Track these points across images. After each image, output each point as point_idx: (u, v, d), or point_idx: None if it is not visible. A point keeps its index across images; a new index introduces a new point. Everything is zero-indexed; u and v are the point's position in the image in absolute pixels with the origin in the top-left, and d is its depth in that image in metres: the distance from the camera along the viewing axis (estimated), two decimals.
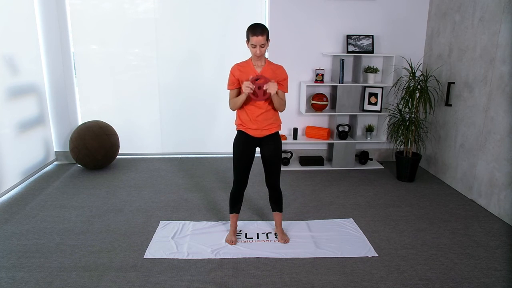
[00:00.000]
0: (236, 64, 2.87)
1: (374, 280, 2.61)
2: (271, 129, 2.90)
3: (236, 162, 2.93)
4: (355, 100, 4.68)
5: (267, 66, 2.83)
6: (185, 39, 4.99)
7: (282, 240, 3.10)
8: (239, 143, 2.91)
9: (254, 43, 2.68)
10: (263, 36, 2.67)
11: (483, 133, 3.75)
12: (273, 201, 3.10)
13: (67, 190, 4.13)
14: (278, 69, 2.86)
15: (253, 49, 2.72)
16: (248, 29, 2.72)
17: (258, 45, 2.68)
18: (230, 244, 3.06)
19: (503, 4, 3.47)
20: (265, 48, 2.73)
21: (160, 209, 3.67)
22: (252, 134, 2.89)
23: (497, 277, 2.65)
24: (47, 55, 4.69)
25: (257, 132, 2.87)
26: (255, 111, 2.83)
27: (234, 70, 2.84)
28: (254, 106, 2.83)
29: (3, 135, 3.98)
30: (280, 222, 3.16)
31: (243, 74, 2.80)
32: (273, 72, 2.82)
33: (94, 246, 3.02)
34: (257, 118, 2.84)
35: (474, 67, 3.87)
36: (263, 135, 2.90)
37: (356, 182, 4.40)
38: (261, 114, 2.84)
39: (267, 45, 2.74)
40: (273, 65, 2.86)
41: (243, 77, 2.80)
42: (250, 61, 2.84)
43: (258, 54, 2.72)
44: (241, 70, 2.82)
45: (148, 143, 5.28)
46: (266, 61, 2.85)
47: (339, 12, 4.72)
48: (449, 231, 3.29)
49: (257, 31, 2.66)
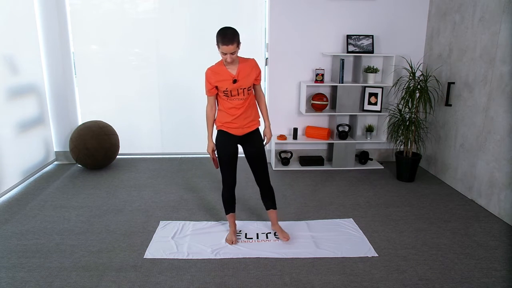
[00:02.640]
0: (209, 69, 2.81)
1: (374, 280, 2.61)
2: (251, 127, 2.92)
3: (220, 162, 2.94)
4: (355, 100, 4.68)
5: (242, 65, 2.80)
6: (185, 39, 4.99)
7: (282, 237, 3.08)
8: (220, 144, 2.91)
9: (224, 51, 2.63)
10: (233, 44, 2.61)
11: (483, 133, 3.75)
12: (266, 199, 3.09)
13: (67, 190, 4.13)
14: (251, 64, 2.84)
15: (223, 56, 2.68)
16: (217, 35, 2.64)
17: (229, 53, 2.64)
18: (231, 244, 3.05)
19: (503, 4, 3.47)
20: (236, 54, 2.69)
21: (160, 209, 3.67)
22: (233, 132, 2.89)
23: (497, 277, 2.65)
24: (47, 55, 4.69)
25: (239, 130, 2.89)
26: (235, 112, 2.84)
27: (209, 77, 2.80)
28: (234, 107, 2.83)
29: (3, 135, 3.98)
30: (276, 219, 3.15)
31: (219, 79, 2.78)
32: (248, 69, 2.81)
33: (94, 246, 3.02)
34: (239, 117, 2.85)
35: (474, 67, 3.87)
36: (244, 133, 2.91)
37: (356, 182, 4.40)
38: (242, 114, 2.85)
39: (237, 51, 2.69)
40: (246, 62, 2.83)
41: (220, 82, 2.78)
42: (223, 64, 2.79)
43: (229, 62, 2.69)
44: (215, 75, 2.78)
45: (148, 143, 5.28)
46: (238, 59, 2.81)
47: (339, 12, 4.72)
48: (449, 231, 3.29)
49: (226, 40, 2.59)
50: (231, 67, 2.79)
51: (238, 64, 2.80)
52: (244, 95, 2.82)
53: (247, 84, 2.81)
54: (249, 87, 2.83)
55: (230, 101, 2.83)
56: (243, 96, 2.82)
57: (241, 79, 2.79)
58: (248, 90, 2.84)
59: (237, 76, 2.78)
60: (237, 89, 2.79)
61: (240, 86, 2.79)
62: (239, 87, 2.79)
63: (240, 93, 2.81)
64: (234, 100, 2.82)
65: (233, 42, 2.61)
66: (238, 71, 2.78)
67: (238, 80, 2.78)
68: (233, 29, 2.64)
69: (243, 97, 2.82)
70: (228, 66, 2.79)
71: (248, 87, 2.82)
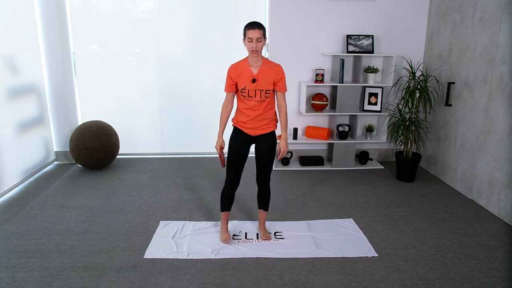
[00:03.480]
0: (232, 65, 2.83)
1: (374, 280, 2.61)
2: (266, 129, 2.90)
3: (229, 159, 2.93)
4: (355, 100, 4.68)
5: (264, 66, 2.78)
6: (185, 39, 4.99)
7: (264, 237, 3.12)
8: (232, 141, 2.92)
9: (250, 36, 2.64)
10: (260, 30, 2.65)
11: (483, 133, 3.75)
12: (261, 199, 3.12)
13: (67, 190, 4.13)
14: (276, 68, 2.80)
15: (249, 44, 2.67)
16: (245, 26, 2.71)
17: (255, 39, 2.64)
18: (224, 242, 3.06)
19: (503, 4, 3.47)
20: (261, 44, 2.69)
21: (160, 209, 3.67)
22: (247, 132, 2.89)
23: (497, 277, 2.65)
24: (47, 55, 4.69)
25: (252, 131, 2.89)
26: (250, 113, 2.83)
27: (231, 72, 2.81)
28: (250, 109, 2.82)
29: (3, 135, 3.98)
30: (264, 220, 3.19)
31: (240, 76, 2.78)
32: (270, 72, 2.77)
33: (94, 246, 3.02)
34: (253, 119, 2.84)
35: (474, 67, 3.87)
36: (257, 134, 2.91)
37: (356, 182, 4.40)
38: (257, 116, 2.83)
39: (263, 42, 2.70)
40: (270, 64, 2.81)
41: (240, 79, 2.78)
42: (246, 61, 2.79)
43: (254, 49, 2.67)
44: (237, 71, 2.79)
45: (148, 143, 5.28)
46: (263, 60, 2.80)
47: (339, 12, 4.72)
48: (449, 231, 3.29)
49: (254, 25, 2.65)
50: (253, 66, 2.77)
51: (261, 65, 2.78)
52: (261, 97, 2.78)
53: (266, 87, 2.77)
54: (268, 90, 2.78)
55: (247, 101, 2.81)
56: (260, 98, 2.78)
57: (261, 80, 2.76)
58: (267, 94, 2.79)
59: (257, 76, 2.76)
60: (254, 90, 2.77)
61: (258, 87, 2.76)
62: (257, 88, 2.76)
63: (257, 94, 2.77)
64: (250, 101, 2.80)
65: (260, 28, 2.65)
66: (260, 71, 2.77)
67: (257, 80, 2.75)
68: (261, 22, 2.72)
69: (259, 99, 2.79)
70: (252, 63, 2.76)
71: (267, 90, 2.78)
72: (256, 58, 2.75)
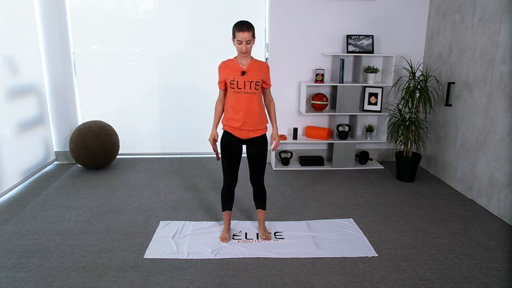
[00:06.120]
0: (222, 62, 2.89)
1: (374, 280, 2.61)
2: (257, 132, 2.91)
3: (223, 162, 2.96)
4: (355, 100, 4.68)
5: (253, 62, 2.85)
6: (185, 39, 4.99)
7: (264, 237, 3.13)
8: (224, 145, 2.93)
9: (240, 39, 2.69)
10: (249, 32, 2.69)
11: (483, 133, 3.75)
12: (257, 199, 3.13)
13: (67, 190, 4.13)
14: (263, 67, 2.88)
15: (238, 46, 2.73)
16: (234, 26, 2.73)
17: (244, 41, 2.69)
18: (224, 241, 3.07)
19: (503, 4, 3.47)
20: (251, 45, 2.74)
21: (160, 209, 3.67)
22: (237, 135, 2.90)
23: (497, 277, 2.65)
24: (47, 55, 4.69)
25: (243, 133, 2.88)
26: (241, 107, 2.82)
27: (221, 69, 2.87)
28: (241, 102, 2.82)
29: (3, 135, 3.98)
30: (264, 219, 3.20)
31: (230, 71, 2.82)
32: (260, 67, 2.85)
33: (94, 246, 3.02)
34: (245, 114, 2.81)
35: (474, 67, 3.87)
36: (248, 137, 2.91)
37: (356, 182, 4.40)
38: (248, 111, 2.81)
39: (253, 42, 2.75)
40: (258, 63, 2.88)
41: (228, 75, 2.82)
42: (235, 60, 2.85)
43: (244, 51, 2.72)
44: (227, 67, 2.84)
45: (148, 143, 5.28)
46: (251, 59, 2.86)
47: (339, 12, 4.72)
48: (449, 231, 3.29)
49: (243, 27, 2.68)
50: (242, 63, 2.82)
51: (250, 62, 2.84)
52: (251, 89, 2.80)
53: (256, 78, 2.81)
54: (257, 81, 2.82)
55: (237, 93, 2.81)
56: (250, 89, 2.80)
57: (250, 72, 2.81)
58: (256, 85, 2.82)
59: (247, 70, 2.81)
60: (244, 81, 2.79)
61: (247, 78, 2.79)
62: (247, 79, 2.79)
63: (247, 86, 2.80)
64: (240, 93, 2.81)
65: (249, 30, 2.68)
66: (249, 66, 2.82)
67: (247, 73, 2.79)
68: (250, 22, 2.74)
69: (249, 91, 2.80)
70: (241, 61, 2.82)
71: (257, 81, 2.81)
72: (245, 57, 2.82)
